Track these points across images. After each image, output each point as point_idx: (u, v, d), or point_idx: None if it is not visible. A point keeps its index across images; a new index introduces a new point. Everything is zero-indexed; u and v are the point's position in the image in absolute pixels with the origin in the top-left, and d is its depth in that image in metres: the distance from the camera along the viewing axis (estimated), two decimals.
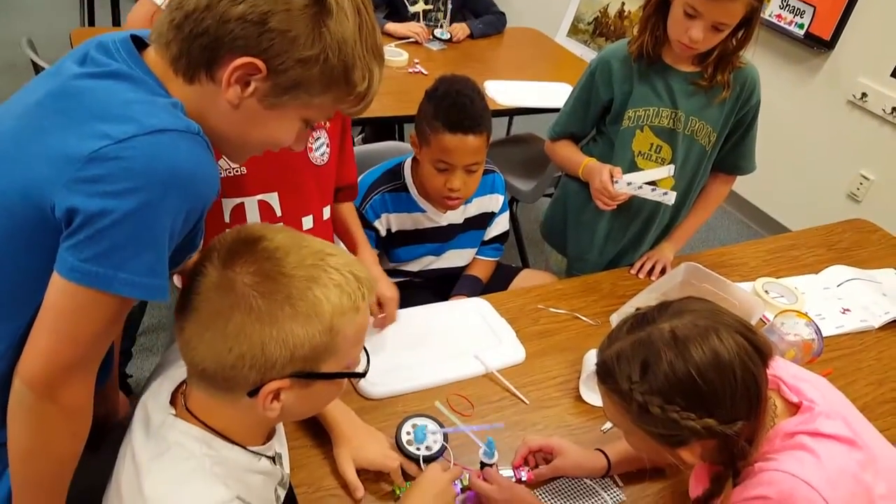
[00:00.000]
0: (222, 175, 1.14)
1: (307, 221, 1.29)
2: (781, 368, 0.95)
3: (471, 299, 1.53)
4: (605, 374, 0.88)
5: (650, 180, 1.56)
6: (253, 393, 0.76)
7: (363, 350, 0.85)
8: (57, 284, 0.71)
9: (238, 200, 1.18)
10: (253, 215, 1.20)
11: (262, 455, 0.86)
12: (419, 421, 1.12)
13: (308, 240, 0.80)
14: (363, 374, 0.86)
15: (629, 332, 0.87)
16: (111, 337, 0.77)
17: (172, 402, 0.85)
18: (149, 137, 0.69)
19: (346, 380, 0.85)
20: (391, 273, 1.72)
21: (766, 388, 0.85)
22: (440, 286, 1.74)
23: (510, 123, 3.44)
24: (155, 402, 0.85)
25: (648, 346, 0.83)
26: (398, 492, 1.05)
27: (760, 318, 1.51)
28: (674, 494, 1.12)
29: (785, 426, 0.87)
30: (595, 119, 1.68)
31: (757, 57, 1.54)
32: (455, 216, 1.68)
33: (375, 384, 1.22)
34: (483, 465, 1.10)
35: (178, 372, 0.87)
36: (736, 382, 0.80)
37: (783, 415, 0.90)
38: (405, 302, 1.51)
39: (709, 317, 0.84)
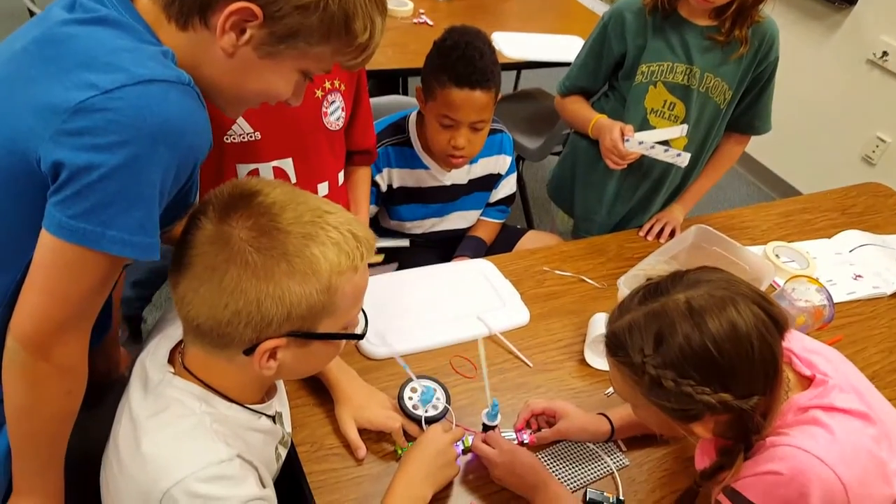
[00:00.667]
0: (237, 140, 1.13)
1: (322, 188, 1.27)
2: (793, 341, 0.93)
3: (474, 260, 1.51)
4: (615, 346, 0.85)
5: (662, 139, 1.51)
6: (249, 351, 0.75)
7: (361, 311, 0.84)
8: (45, 241, 0.69)
9: (252, 166, 1.17)
10: None
11: (262, 414, 0.86)
12: (422, 382, 1.11)
13: (305, 196, 0.78)
14: (361, 336, 0.85)
15: (641, 303, 0.84)
16: (104, 294, 0.75)
17: (171, 360, 0.84)
18: (137, 88, 0.66)
19: (344, 341, 0.84)
20: (392, 233, 1.69)
21: (782, 360, 0.82)
22: (444, 248, 1.71)
23: (518, 77, 3.36)
24: (153, 361, 0.84)
25: (662, 317, 0.80)
26: (400, 452, 1.05)
27: (771, 284, 1.49)
28: (677, 460, 1.11)
29: (798, 400, 0.85)
30: (607, 74, 1.63)
31: (776, 11, 1.47)
32: (459, 177, 1.63)
33: (378, 345, 1.21)
34: (485, 427, 1.09)
35: (176, 331, 0.86)
36: (753, 355, 0.78)
37: (796, 388, 0.88)
38: (408, 262, 1.49)
39: (725, 287, 0.81)
